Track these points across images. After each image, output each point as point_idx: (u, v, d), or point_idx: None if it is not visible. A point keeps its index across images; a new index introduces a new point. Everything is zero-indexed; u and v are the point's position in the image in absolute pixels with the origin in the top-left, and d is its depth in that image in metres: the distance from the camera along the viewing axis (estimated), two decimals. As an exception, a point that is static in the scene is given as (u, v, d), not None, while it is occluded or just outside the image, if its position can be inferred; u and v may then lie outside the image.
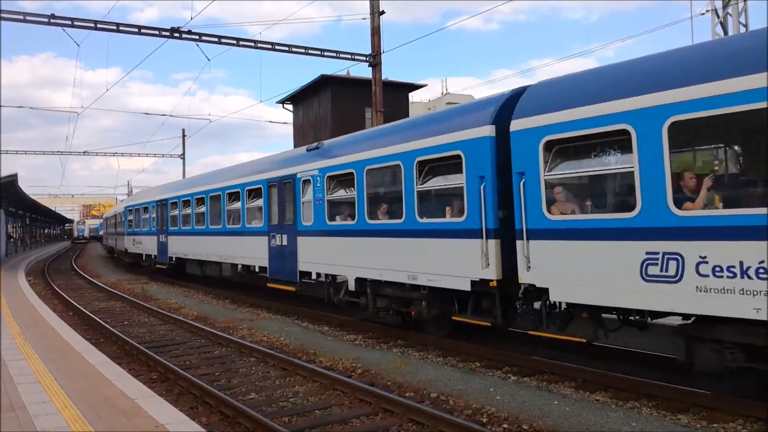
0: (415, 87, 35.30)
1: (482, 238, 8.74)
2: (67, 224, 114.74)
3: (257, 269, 16.26)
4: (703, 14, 18.01)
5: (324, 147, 13.29)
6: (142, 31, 18.98)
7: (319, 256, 12.86)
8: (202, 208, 19.68)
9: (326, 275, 12.89)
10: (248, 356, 10.38)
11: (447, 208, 9.72)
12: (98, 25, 18.33)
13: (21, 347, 9.53)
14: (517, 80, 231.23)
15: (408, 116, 28.65)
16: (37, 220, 71.18)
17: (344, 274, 12.12)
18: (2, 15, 16.93)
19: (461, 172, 9.13)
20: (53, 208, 77.58)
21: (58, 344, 9.81)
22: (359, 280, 11.59)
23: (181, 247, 22.00)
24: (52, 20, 17.60)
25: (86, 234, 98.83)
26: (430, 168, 9.93)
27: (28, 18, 17.40)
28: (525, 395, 7.53)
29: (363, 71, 24.29)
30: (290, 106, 35.39)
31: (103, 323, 13.74)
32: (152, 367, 9.73)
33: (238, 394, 8.07)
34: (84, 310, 16.01)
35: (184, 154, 53.43)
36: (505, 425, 6.61)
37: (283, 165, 14.64)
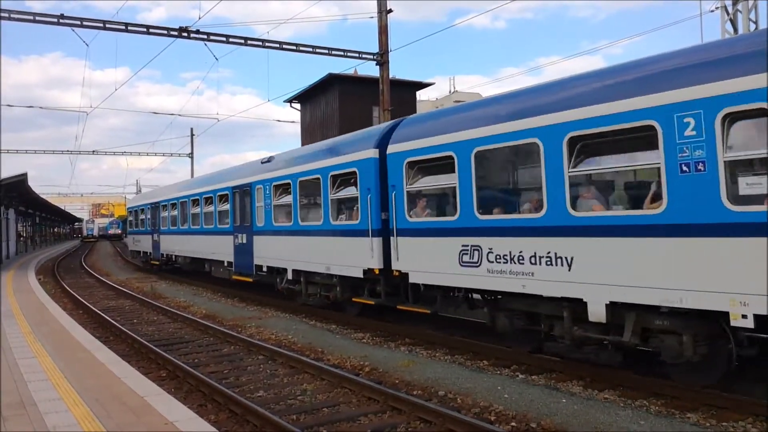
0: (422, 85, 35.24)
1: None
2: (76, 223, 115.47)
3: None
4: (712, 11, 17.85)
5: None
6: (151, 30, 19.08)
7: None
8: None
9: None
10: (256, 354, 10.42)
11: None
12: (107, 25, 18.46)
13: (31, 345, 9.62)
14: (525, 78, 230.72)
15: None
16: (46, 219, 71.63)
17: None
18: (12, 15, 17.10)
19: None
20: (62, 207, 78.07)
21: (68, 342, 9.89)
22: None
23: None
24: (61, 20, 17.74)
25: (95, 233, 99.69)
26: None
27: (37, 18, 17.55)
28: (533, 393, 7.53)
29: (370, 70, 24.34)
30: (298, 105, 35.42)
31: (113, 321, 13.84)
32: (161, 365, 9.79)
33: (246, 391, 8.11)
34: (94, 309, 16.12)
35: (192, 153, 53.73)
36: (513, 423, 6.60)
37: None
